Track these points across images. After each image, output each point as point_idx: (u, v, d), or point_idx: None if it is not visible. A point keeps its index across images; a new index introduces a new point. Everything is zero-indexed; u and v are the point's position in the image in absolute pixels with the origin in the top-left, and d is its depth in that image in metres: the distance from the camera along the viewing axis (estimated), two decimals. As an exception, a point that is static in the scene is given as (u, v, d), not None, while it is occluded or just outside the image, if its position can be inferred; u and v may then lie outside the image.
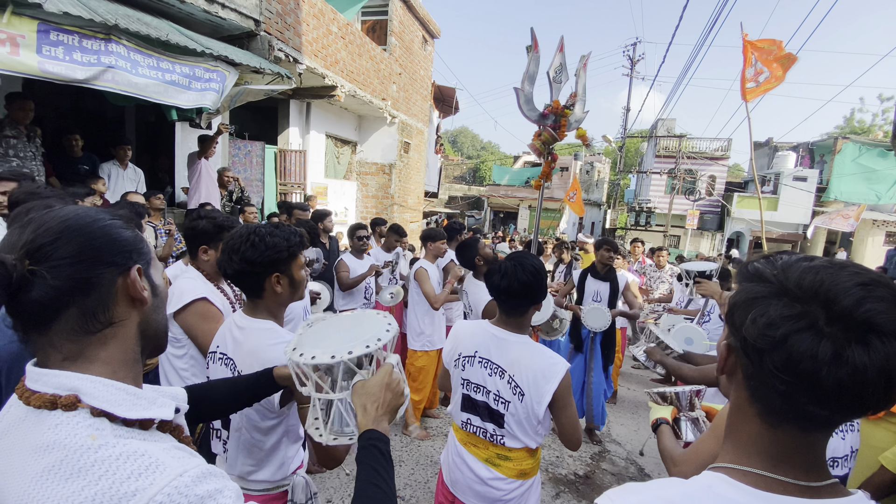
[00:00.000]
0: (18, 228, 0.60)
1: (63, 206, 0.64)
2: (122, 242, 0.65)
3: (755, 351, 0.55)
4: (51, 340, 0.61)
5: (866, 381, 0.49)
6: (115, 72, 3.42)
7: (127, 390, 0.62)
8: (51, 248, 0.58)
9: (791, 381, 0.52)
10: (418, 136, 10.84)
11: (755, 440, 0.60)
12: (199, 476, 0.56)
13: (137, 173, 5.05)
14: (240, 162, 6.79)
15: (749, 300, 0.57)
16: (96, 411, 0.58)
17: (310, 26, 6.44)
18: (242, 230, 1.33)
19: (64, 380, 0.59)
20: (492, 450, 1.63)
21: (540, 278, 1.59)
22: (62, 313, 0.60)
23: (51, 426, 0.56)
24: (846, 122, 30.20)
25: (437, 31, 10.96)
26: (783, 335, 0.52)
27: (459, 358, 1.70)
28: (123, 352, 0.65)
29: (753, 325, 0.55)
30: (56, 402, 0.57)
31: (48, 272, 0.57)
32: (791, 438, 0.57)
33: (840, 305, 0.50)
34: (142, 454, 0.55)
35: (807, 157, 21.22)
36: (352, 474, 3.08)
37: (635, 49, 22.38)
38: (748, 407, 0.60)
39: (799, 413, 0.55)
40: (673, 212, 19.97)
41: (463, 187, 29.23)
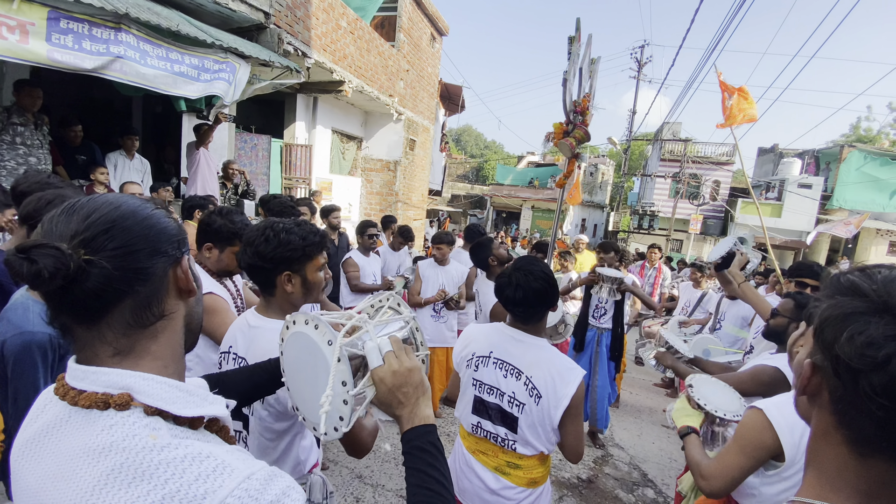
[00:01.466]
0: (64, 216, 0.56)
1: (104, 195, 0.61)
2: (171, 232, 0.62)
3: (849, 371, 0.50)
4: (101, 334, 0.58)
5: None
6: (124, 62, 3.39)
7: (179, 387, 0.60)
8: (106, 237, 0.55)
9: (891, 406, 0.47)
10: (424, 134, 10.80)
11: (841, 471, 0.55)
12: (267, 478, 0.54)
13: (144, 164, 5.03)
14: (245, 155, 6.77)
15: (844, 315, 0.52)
16: (151, 409, 0.56)
17: (319, 20, 6.41)
18: (261, 224, 1.32)
19: (115, 377, 0.56)
20: (501, 457, 1.59)
21: (552, 282, 1.56)
22: (117, 305, 0.57)
23: (105, 427, 0.53)
24: (852, 130, 30.12)
25: (446, 28, 10.91)
26: (886, 356, 0.47)
27: (472, 358, 1.66)
28: (172, 346, 0.64)
29: (850, 344, 0.50)
30: (108, 401, 0.54)
31: (108, 262, 0.55)
32: (884, 472, 0.52)
33: None
34: (207, 455, 0.53)
35: (812, 164, 21.15)
36: (355, 471, 3.07)
37: (643, 51, 22.30)
38: (834, 433, 0.55)
39: (890, 440, 0.50)
40: (676, 216, 19.93)
41: (466, 186, 29.19)
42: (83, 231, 0.55)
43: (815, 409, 0.58)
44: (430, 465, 0.74)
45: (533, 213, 24.66)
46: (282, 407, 1.23)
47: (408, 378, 0.77)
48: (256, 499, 0.52)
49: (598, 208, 25.98)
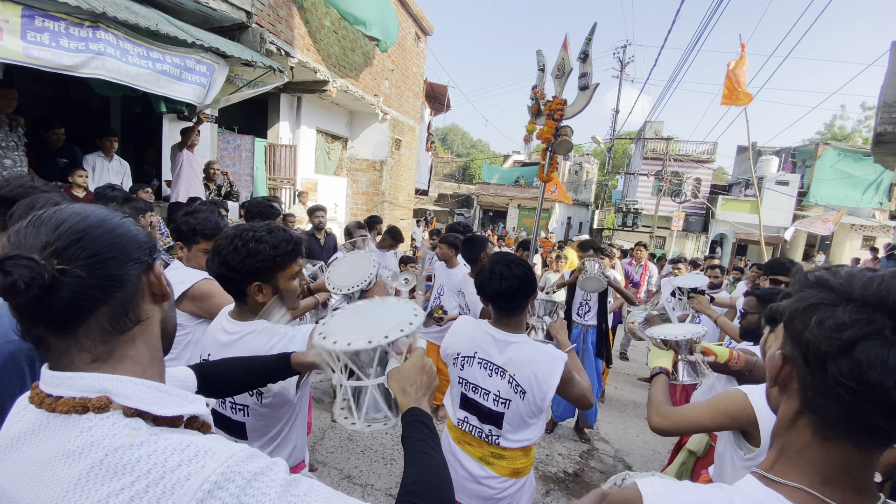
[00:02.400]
0: (32, 228, 0.57)
1: (70, 205, 0.61)
2: (141, 239, 0.64)
3: (818, 356, 0.53)
4: (78, 343, 0.58)
5: None
6: (105, 59, 3.33)
7: (158, 388, 0.61)
8: (78, 246, 0.56)
9: (857, 389, 0.50)
10: (410, 133, 10.79)
11: (804, 452, 0.58)
12: (248, 456, 0.56)
13: (123, 166, 4.93)
14: (228, 156, 6.68)
15: (812, 306, 0.55)
16: (130, 411, 0.56)
17: (302, 19, 6.36)
18: (231, 231, 1.27)
19: (92, 381, 0.57)
20: (486, 448, 1.64)
21: (530, 269, 1.62)
22: (93, 313, 0.58)
23: (83, 429, 0.54)
24: (827, 128, 30.97)
25: (430, 27, 10.92)
26: (850, 339, 0.50)
27: (458, 357, 1.70)
28: (150, 349, 0.65)
29: (819, 328, 0.53)
30: (87, 405, 0.55)
31: (82, 270, 0.55)
32: (844, 455, 0.55)
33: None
34: (188, 444, 0.55)
35: (789, 161, 21.72)
36: (344, 471, 3.07)
37: (625, 51, 22.60)
38: (801, 418, 0.58)
39: (859, 426, 0.53)
40: (659, 213, 20.26)
41: (453, 185, 29.22)
42: (54, 241, 0.55)
43: (784, 397, 0.61)
44: (430, 437, 0.82)
45: (519, 211, 24.81)
46: (279, 396, 1.24)
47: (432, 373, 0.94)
48: (239, 473, 0.53)
49: (583, 206, 26.26)
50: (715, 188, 22.54)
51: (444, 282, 3.95)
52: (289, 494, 0.55)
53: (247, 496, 0.52)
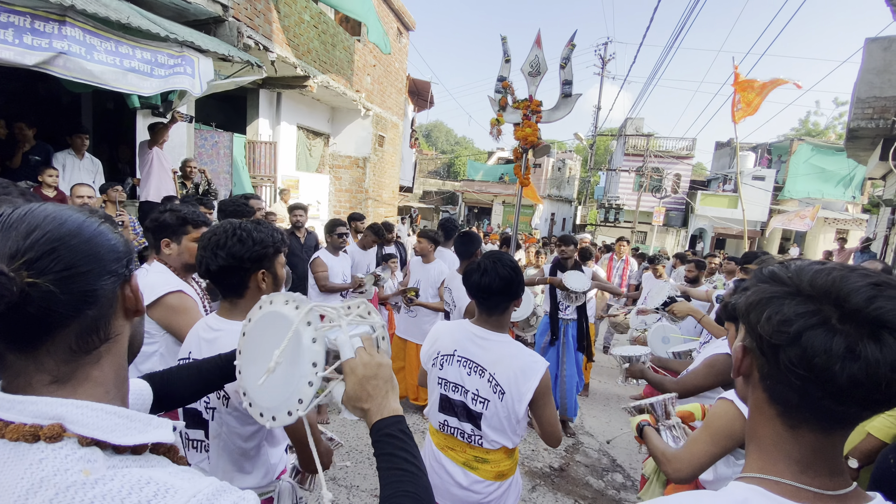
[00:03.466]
0: (2, 232, 0.51)
1: (42, 206, 0.55)
2: (119, 249, 0.58)
3: (770, 348, 0.56)
4: (39, 362, 0.53)
5: (879, 376, 0.50)
6: (68, 58, 3.21)
7: (118, 413, 0.55)
8: (51, 257, 0.50)
9: (806, 375, 0.53)
10: (393, 130, 10.71)
11: (777, 443, 0.60)
12: (214, 493, 0.51)
13: (95, 164, 4.77)
14: (206, 153, 6.52)
15: (764, 300, 0.58)
16: (85, 440, 0.51)
17: (281, 13, 6.24)
18: (225, 225, 1.28)
19: (44, 407, 0.51)
20: (469, 452, 1.62)
21: (518, 273, 1.60)
22: (61, 331, 0.53)
23: (33, 462, 0.49)
24: (802, 124, 31.81)
25: (413, 23, 10.84)
26: (797, 331, 0.53)
27: (438, 356, 1.68)
28: (116, 369, 0.60)
29: (769, 323, 0.56)
30: (37, 433, 0.50)
31: (54, 285, 0.50)
32: (813, 440, 0.58)
33: (851, 303, 0.52)
34: (146, 481, 0.49)
35: (765, 157, 22.26)
36: (328, 473, 3.04)
37: (606, 48, 22.80)
38: (767, 408, 0.61)
39: (816, 409, 0.56)
40: (640, 209, 20.56)
41: (437, 182, 29.15)
42: (25, 251, 0.50)
43: (750, 388, 0.64)
44: (399, 447, 0.73)
45: (504, 208, 24.90)
46: (245, 414, 1.20)
47: (378, 371, 0.77)
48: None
49: (566, 202, 26.48)
50: (694, 184, 22.96)
51: (421, 276, 3.98)
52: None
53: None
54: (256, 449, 1.27)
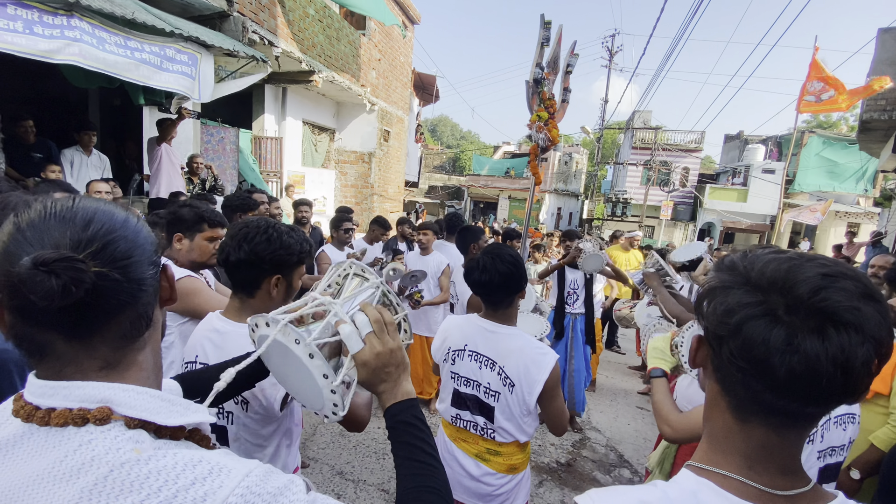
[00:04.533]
0: (54, 222, 0.51)
1: (85, 200, 0.56)
2: (153, 240, 0.61)
3: (716, 338, 0.55)
4: (91, 348, 0.54)
5: (819, 371, 0.49)
6: (82, 46, 3.20)
7: (161, 396, 0.57)
8: (113, 247, 0.53)
9: (745, 367, 0.52)
10: (398, 124, 10.68)
11: (728, 436, 0.59)
12: (266, 473, 0.53)
13: (103, 160, 4.79)
14: (212, 149, 6.53)
15: (713, 289, 0.58)
16: (133, 422, 0.52)
17: (286, 7, 6.21)
18: (261, 222, 1.27)
19: (91, 391, 0.52)
20: (482, 444, 1.62)
21: (519, 266, 1.58)
22: (116, 318, 0.54)
23: (81, 443, 0.49)
24: (813, 116, 31.32)
25: (418, 16, 10.77)
26: (738, 322, 0.52)
27: (449, 352, 1.68)
28: (155, 355, 0.62)
29: (714, 314, 0.56)
30: (86, 416, 0.50)
31: (119, 273, 0.52)
32: (762, 436, 0.56)
33: (796, 293, 0.51)
34: (199, 460, 0.51)
35: (775, 150, 21.95)
36: (336, 467, 3.05)
37: (613, 40, 22.56)
38: (720, 399, 0.60)
39: (760, 404, 0.54)
40: (648, 202, 20.40)
41: (443, 177, 29.10)
42: (88, 241, 0.51)
43: (707, 380, 0.63)
44: (416, 437, 0.72)
45: (510, 202, 24.81)
46: (266, 410, 1.20)
47: (390, 358, 0.75)
48: (259, 494, 0.50)
49: (572, 197, 26.34)
50: (703, 177, 22.75)
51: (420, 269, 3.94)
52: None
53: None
54: (276, 448, 1.28)
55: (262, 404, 1.19)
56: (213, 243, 1.80)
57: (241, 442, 1.25)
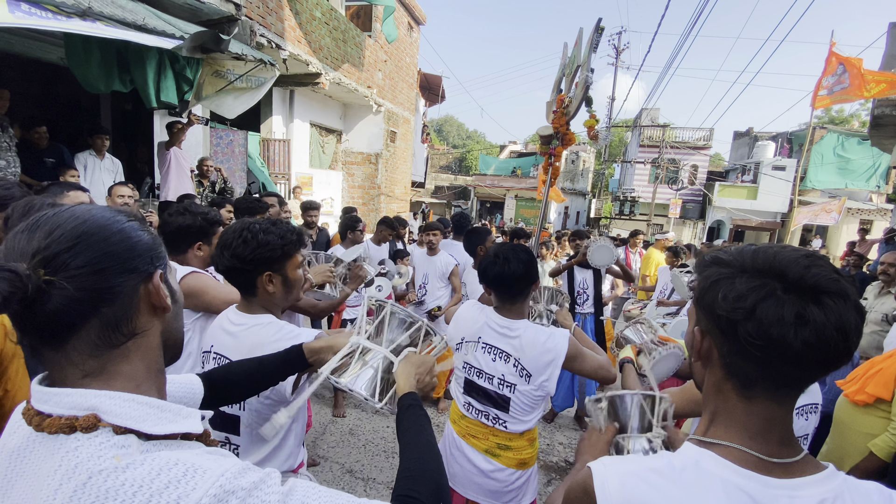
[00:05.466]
0: (25, 233, 0.54)
1: (73, 207, 0.58)
2: (142, 247, 0.60)
3: (729, 324, 0.59)
4: (68, 357, 0.55)
5: (828, 338, 0.55)
6: (96, 26, 3.24)
7: (150, 404, 0.57)
8: (68, 255, 0.52)
9: (765, 345, 0.57)
10: (405, 125, 10.71)
11: (732, 415, 0.64)
12: (241, 471, 0.54)
13: (115, 164, 4.87)
14: (221, 151, 6.61)
15: (715, 282, 0.62)
16: (119, 429, 0.53)
17: (293, 11, 6.27)
18: (236, 226, 1.29)
19: (79, 398, 0.54)
20: (492, 439, 1.64)
21: (532, 259, 1.62)
22: (82, 327, 0.55)
23: (69, 450, 0.51)
24: (825, 111, 30.88)
25: (423, 17, 10.80)
26: (752, 304, 0.57)
27: (462, 342, 1.72)
28: (147, 364, 0.61)
29: (725, 301, 0.60)
30: (74, 424, 0.52)
31: (68, 283, 0.52)
32: (766, 410, 0.62)
33: (791, 274, 0.57)
34: (174, 463, 0.52)
35: (786, 146, 21.67)
36: (345, 465, 3.08)
37: (620, 38, 22.43)
38: (724, 384, 0.64)
39: (774, 377, 0.60)
40: (656, 201, 20.25)
41: (449, 177, 29.12)
42: (44, 249, 0.52)
43: (707, 369, 0.67)
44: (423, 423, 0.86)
45: (517, 202, 24.77)
46: (278, 395, 1.24)
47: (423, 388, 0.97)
48: (232, 492, 0.51)
49: (580, 196, 26.22)
50: (712, 174, 22.52)
51: (428, 270, 3.97)
52: (288, 501, 0.54)
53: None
54: (285, 434, 1.31)
55: (274, 388, 1.21)
56: None
57: (254, 428, 1.28)
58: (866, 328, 3.52)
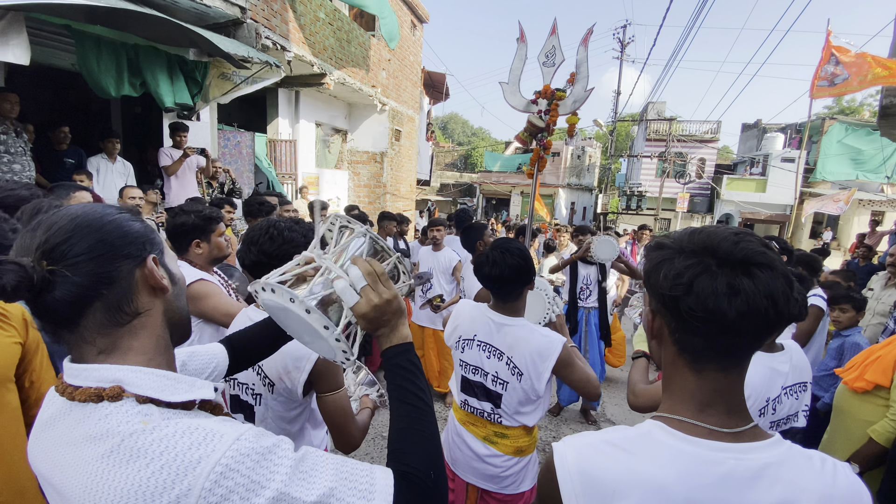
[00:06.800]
0: (29, 232, 0.61)
1: (70, 207, 0.65)
2: (134, 234, 0.66)
3: (672, 300, 0.64)
4: (83, 336, 0.63)
5: (758, 305, 0.60)
6: None
7: (167, 376, 0.64)
8: (65, 246, 0.60)
9: (704, 317, 0.62)
10: (409, 124, 10.75)
11: (685, 387, 0.69)
12: (257, 434, 0.59)
13: (126, 167, 4.97)
14: (229, 153, 6.70)
15: (657, 263, 0.68)
16: (142, 398, 0.60)
17: (297, 13, 6.33)
18: (263, 223, 1.37)
19: (105, 372, 0.61)
20: (490, 428, 1.70)
21: (527, 259, 1.64)
22: (88, 309, 0.62)
23: (101, 416, 0.58)
24: (835, 101, 30.41)
25: (426, 15, 10.81)
26: (689, 280, 0.62)
27: (459, 340, 1.76)
28: (155, 339, 0.68)
29: (666, 280, 0.65)
30: (101, 394, 0.59)
31: (69, 270, 0.59)
32: (714, 381, 0.66)
33: (723, 249, 0.62)
34: (196, 427, 0.58)
35: (795, 138, 21.40)
36: (356, 456, 3.14)
37: (625, 31, 22.25)
38: (678, 360, 0.69)
39: (716, 347, 0.65)
40: (663, 195, 20.12)
41: (455, 174, 29.12)
42: (43, 243, 0.59)
43: (662, 348, 0.72)
44: (408, 380, 0.77)
45: (522, 198, 24.72)
46: (289, 394, 1.29)
47: (386, 307, 0.78)
48: (248, 454, 0.56)
49: (586, 191, 26.10)
50: (720, 168, 22.31)
51: (433, 265, 4.05)
52: (298, 471, 0.58)
53: (257, 474, 0.55)
54: (300, 431, 1.37)
55: (286, 387, 1.27)
56: (221, 237, 1.95)
57: (268, 423, 1.34)
58: (872, 319, 3.51)
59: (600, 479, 0.65)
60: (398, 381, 0.77)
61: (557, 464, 0.69)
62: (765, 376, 1.36)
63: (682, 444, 0.64)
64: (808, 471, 0.62)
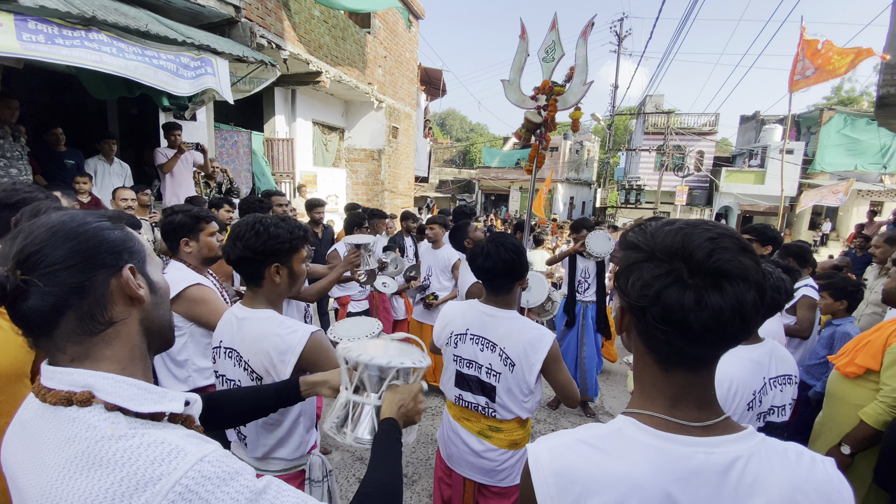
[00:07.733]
0: (10, 240, 0.62)
1: (50, 215, 0.65)
2: (111, 243, 0.66)
3: (638, 309, 0.64)
4: (55, 344, 0.63)
5: (724, 320, 0.59)
6: (103, 55, 3.34)
7: (138, 385, 0.64)
8: (39, 255, 0.60)
9: (668, 329, 0.61)
10: (406, 120, 10.75)
11: (655, 384, 0.69)
12: (220, 458, 0.59)
13: (124, 168, 4.99)
14: (226, 152, 6.70)
15: (627, 267, 0.66)
16: (110, 406, 0.60)
17: (291, 11, 6.33)
18: (249, 219, 1.38)
19: (77, 377, 0.61)
20: (484, 422, 1.72)
21: (521, 255, 1.68)
22: (61, 318, 0.61)
23: (68, 420, 0.59)
24: (834, 91, 30.33)
25: (422, 11, 10.78)
26: (656, 292, 0.61)
27: (452, 336, 1.78)
28: (129, 349, 0.67)
29: (633, 288, 0.64)
30: (71, 398, 0.60)
31: (40, 280, 0.59)
32: (683, 379, 0.67)
33: (695, 259, 0.60)
34: (161, 441, 0.58)
35: (794, 129, 21.37)
36: (356, 454, 3.18)
37: (622, 25, 22.17)
38: (646, 356, 0.70)
39: (682, 355, 0.65)
40: (662, 188, 20.13)
41: (453, 171, 29.11)
42: (18, 252, 0.60)
43: (631, 343, 0.73)
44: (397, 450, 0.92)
45: (521, 194, 24.71)
46: None
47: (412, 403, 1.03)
48: (209, 478, 0.56)
49: (585, 185, 26.09)
50: (718, 160, 22.28)
51: (432, 262, 4.08)
52: (260, 500, 0.59)
53: (216, 499, 0.56)
54: (289, 428, 1.38)
55: (273, 381, 1.29)
56: (213, 237, 1.95)
57: (258, 423, 1.35)
58: (866, 309, 3.53)
59: (574, 480, 0.65)
60: (389, 443, 0.92)
61: (532, 465, 0.69)
62: (748, 369, 1.38)
63: (654, 439, 0.65)
64: (779, 463, 0.63)
